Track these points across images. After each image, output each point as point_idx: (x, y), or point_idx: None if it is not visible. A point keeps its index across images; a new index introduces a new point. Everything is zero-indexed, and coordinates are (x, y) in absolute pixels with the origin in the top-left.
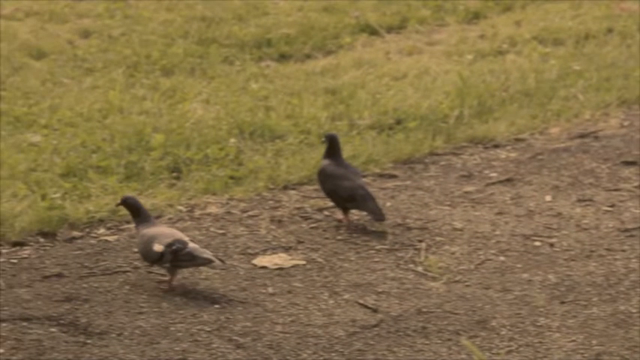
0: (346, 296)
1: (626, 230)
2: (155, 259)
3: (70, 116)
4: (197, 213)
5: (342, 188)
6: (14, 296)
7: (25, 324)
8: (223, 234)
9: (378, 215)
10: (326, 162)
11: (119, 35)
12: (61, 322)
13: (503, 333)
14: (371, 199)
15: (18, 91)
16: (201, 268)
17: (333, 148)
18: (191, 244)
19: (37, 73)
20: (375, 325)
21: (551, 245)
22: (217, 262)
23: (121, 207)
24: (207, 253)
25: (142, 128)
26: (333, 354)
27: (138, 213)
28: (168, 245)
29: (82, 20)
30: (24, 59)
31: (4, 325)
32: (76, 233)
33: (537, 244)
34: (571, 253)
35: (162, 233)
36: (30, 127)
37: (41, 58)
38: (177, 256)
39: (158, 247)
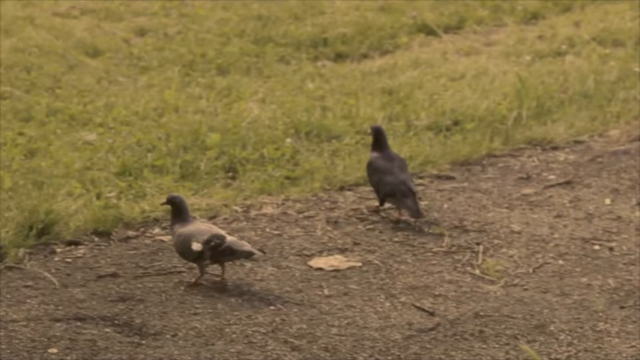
0: (403, 299)
1: None
2: (195, 257)
3: (126, 115)
4: (253, 213)
5: (384, 183)
6: (68, 296)
7: (79, 324)
8: (279, 235)
9: (414, 212)
10: (374, 155)
11: (175, 34)
12: (116, 322)
13: (561, 338)
14: (411, 195)
15: (73, 89)
16: (257, 269)
17: (379, 140)
18: (229, 238)
19: (93, 72)
20: (432, 329)
21: (611, 249)
22: (258, 253)
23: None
24: (246, 246)
25: (198, 127)
26: (389, 357)
27: (180, 213)
28: (206, 242)
29: (137, 18)
30: (79, 57)
31: (58, 324)
32: (130, 233)
33: (596, 247)
34: (631, 257)
35: (199, 230)
36: (85, 126)
37: (97, 56)
38: (216, 252)
39: (197, 246)
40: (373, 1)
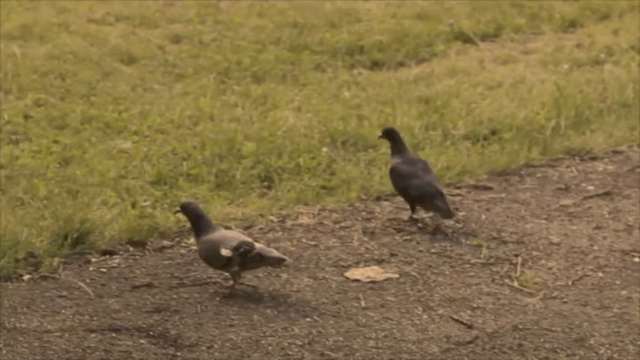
0: (440, 311)
1: None
2: (223, 264)
3: (161, 123)
4: (289, 223)
5: (411, 187)
6: (103, 306)
7: (114, 335)
8: (315, 245)
9: (445, 212)
10: (396, 160)
11: (210, 41)
12: (151, 333)
13: (601, 352)
14: (439, 196)
15: (108, 97)
16: (293, 280)
17: (396, 141)
18: (258, 245)
19: (128, 79)
20: (470, 342)
21: None
22: (288, 260)
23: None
24: (274, 252)
25: (233, 136)
26: None
27: (199, 220)
28: (235, 248)
29: (172, 25)
30: (114, 64)
31: (92, 335)
32: (166, 242)
33: (637, 260)
34: None
35: (227, 237)
36: (120, 134)
37: (131, 63)
38: (246, 259)
39: (226, 252)
40: (410, 9)
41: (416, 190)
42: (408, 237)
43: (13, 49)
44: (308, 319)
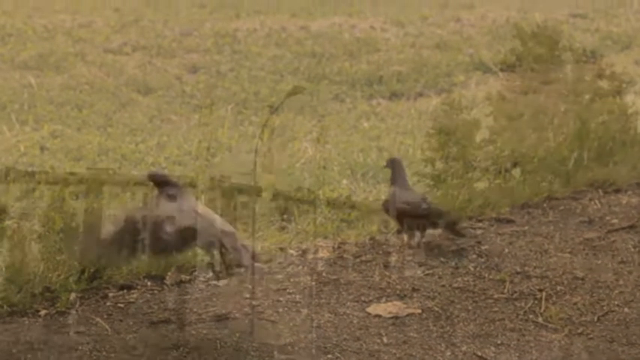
0: (464, 348)
1: None
2: None
3: (178, 154)
4: (309, 257)
5: (427, 205)
6: (121, 342)
7: None
8: (336, 280)
9: (452, 219)
10: (395, 188)
11: (227, 71)
12: None
13: None
14: (444, 213)
15: (125, 128)
16: (313, 315)
17: (398, 173)
18: None
19: (145, 110)
20: None
21: None
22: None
23: None
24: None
25: (252, 168)
26: None
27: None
28: None
29: (189, 55)
30: (131, 95)
31: None
32: (184, 277)
33: None
34: None
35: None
36: (137, 166)
37: (148, 93)
38: None
39: None
40: (429, 39)
41: (434, 205)
42: (430, 271)
43: (29, 79)
44: (329, 356)
